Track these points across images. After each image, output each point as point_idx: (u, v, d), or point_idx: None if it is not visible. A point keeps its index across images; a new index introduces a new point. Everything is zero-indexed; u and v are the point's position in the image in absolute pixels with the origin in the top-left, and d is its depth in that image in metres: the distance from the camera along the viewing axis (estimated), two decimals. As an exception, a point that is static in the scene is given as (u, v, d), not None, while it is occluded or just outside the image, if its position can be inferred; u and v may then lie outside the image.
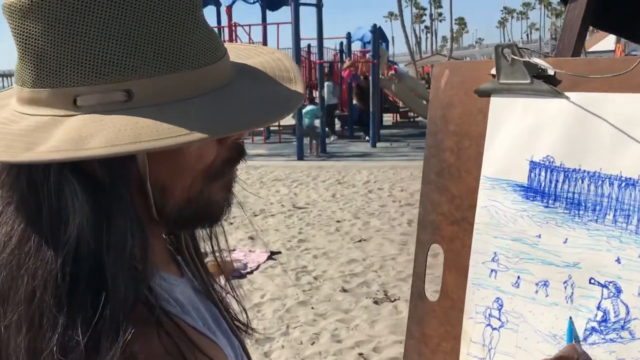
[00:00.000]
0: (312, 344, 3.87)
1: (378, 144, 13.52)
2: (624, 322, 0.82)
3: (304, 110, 11.75)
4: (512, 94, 0.96)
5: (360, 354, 3.72)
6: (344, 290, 4.76)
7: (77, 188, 0.57)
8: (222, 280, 0.82)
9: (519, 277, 0.96)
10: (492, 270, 1.00)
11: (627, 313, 0.82)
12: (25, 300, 0.56)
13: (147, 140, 0.55)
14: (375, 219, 6.99)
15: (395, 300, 4.53)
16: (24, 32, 0.58)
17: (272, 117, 0.64)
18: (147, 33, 0.58)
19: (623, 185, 0.83)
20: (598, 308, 0.86)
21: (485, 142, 1.00)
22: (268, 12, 15.07)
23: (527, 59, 0.90)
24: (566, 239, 0.90)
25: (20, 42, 0.59)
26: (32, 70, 0.59)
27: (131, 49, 0.57)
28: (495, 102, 0.99)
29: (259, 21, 14.63)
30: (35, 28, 0.57)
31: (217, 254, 0.79)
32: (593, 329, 0.86)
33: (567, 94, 0.88)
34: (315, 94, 13.95)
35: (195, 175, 0.64)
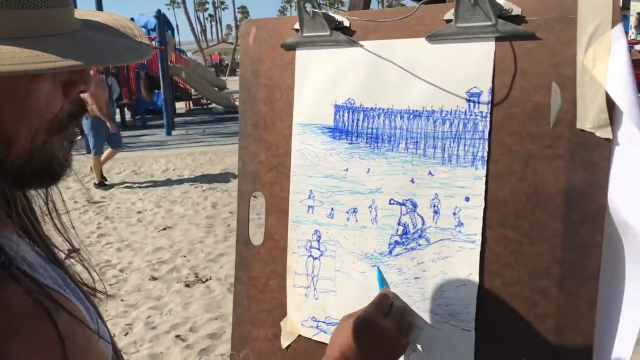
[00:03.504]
0: (126, 334, 3.76)
1: (173, 132, 13.28)
2: (421, 232, 0.98)
3: None
4: (314, 46, 1.07)
5: (177, 336, 3.70)
6: (154, 279, 4.67)
7: None
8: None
9: (332, 209, 1.08)
10: (309, 207, 1.11)
11: (423, 223, 0.98)
12: None
13: (7, 64, 0.51)
14: (179, 206, 6.91)
15: (206, 280, 4.56)
16: None
17: (137, 56, 0.63)
18: None
19: (411, 117, 0.98)
20: (399, 224, 1.01)
21: (295, 92, 1.10)
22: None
23: (325, 11, 1.01)
24: (369, 169, 1.04)
25: None
26: None
27: None
28: (300, 54, 1.09)
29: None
30: None
31: (55, 218, 0.77)
32: (396, 242, 1.01)
33: (361, 42, 1.01)
34: None
35: (41, 124, 0.62)
